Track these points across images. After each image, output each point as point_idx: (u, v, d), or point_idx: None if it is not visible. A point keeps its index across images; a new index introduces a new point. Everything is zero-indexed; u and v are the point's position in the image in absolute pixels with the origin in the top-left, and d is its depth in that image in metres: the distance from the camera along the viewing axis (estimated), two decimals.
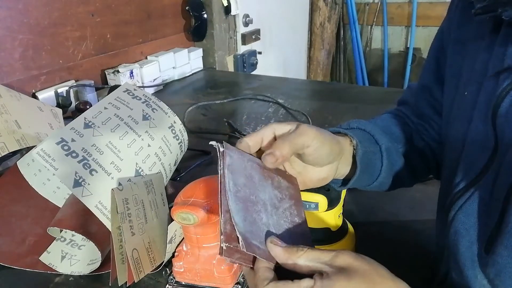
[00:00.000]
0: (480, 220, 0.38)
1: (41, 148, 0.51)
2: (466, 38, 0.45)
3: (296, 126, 0.43)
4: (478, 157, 0.38)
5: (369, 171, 0.50)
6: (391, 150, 0.52)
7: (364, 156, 0.48)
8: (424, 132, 0.56)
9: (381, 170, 0.51)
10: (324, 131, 0.45)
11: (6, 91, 0.78)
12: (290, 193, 0.42)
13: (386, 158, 0.51)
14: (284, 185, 0.42)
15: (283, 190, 0.42)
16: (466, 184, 0.39)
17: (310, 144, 0.42)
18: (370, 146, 0.50)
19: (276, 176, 0.42)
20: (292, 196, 0.42)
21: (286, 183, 0.43)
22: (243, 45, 1.78)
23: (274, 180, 0.42)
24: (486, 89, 0.39)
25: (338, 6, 2.50)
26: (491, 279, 0.36)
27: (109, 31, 1.23)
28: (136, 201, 0.52)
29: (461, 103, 0.44)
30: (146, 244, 0.53)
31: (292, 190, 0.43)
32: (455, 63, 0.47)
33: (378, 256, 0.59)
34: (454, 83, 0.47)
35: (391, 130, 0.55)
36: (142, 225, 0.52)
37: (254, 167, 0.41)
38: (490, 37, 0.40)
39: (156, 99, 0.64)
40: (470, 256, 0.38)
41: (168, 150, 0.62)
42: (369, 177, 0.51)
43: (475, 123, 0.40)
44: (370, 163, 0.50)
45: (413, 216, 0.69)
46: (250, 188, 0.38)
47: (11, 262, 0.58)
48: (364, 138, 0.51)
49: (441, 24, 0.53)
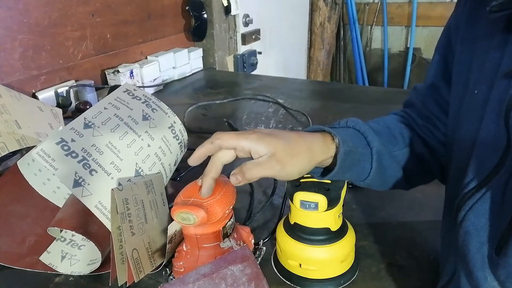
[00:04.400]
0: (491, 220, 0.37)
1: (41, 148, 0.51)
2: (475, 36, 0.45)
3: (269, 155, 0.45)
4: (489, 156, 0.38)
5: (355, 170, 0.51)
6: (383, 153, 0.52)
7: (348, 156, 0.49)
8: (429, 135, 0.55)
9: (370, 172, 0.51)
10: (297, 148, 0.46)
11: (6, 91, 0.78)
12: (248, 275, 0.41)
13: (376, 160, 0.51)
14: (238, 273, 0.41)
15: (239, 280, 0.41)
16: (477, 184, 0.38)
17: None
18: (358, 147, 0.51)
19: (227, 269, 0.41)
20: (251, 277, 0.41)
21: (240, 266, 0.42)
22: (243, 45, 1.78)
23: (227, 278, 0.41)
24: (498, 88, 0.38)
25: (338, 6, 2.50)
26: (502, 281, 0.35)
27: (109, 31, 1.23)
28: (136, 201, 0.52)
29: (471, 102, 0.43)
30: (146, 244, 0.53)
31: (248, 269, 0.42)
32: (463, 61, 0.46)
33: (378, 256, 0.59)
34: (462, 81, 0.46)
35: (391, 133, 0.55)
36: (142, 225, 0.52)
37: (202, 286, 0.40)
38: (502, 35, 0.40)
39: (156, 99, 0.64)
40: (480, 257, 0.37)
41: (168, 150, 0.62)
42: (355, 176, 0.52)
43: (486, 123, 0.39)
44: (356, 163, 0.50)
45: (413, 216, 0.69)
46: None
47: (11, 262, 0.58)
48: (353, 138, 0.51)
49: (448, 21, 0.52)
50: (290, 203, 0.52)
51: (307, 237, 0.52)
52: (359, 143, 0.51)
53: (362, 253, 0.60)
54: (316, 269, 0.53)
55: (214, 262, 0.42)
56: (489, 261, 0.37)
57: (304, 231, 0.52)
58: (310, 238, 0.52)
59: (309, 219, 0.51)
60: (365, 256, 0.59)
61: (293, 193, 0.50)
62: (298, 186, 0.51)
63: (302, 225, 0.52)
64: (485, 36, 0.43)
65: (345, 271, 0.54)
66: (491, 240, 0.37)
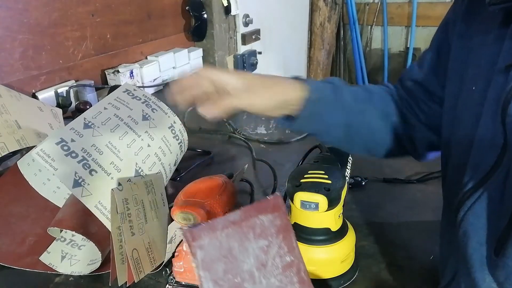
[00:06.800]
0: (490, 221, 0.36)
1: (40, 148, 0.51)
2: (472, 32, 0.44)
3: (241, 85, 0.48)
4: (487, 155, 0.37)
5: (321, 122, 0.52)
6: (354, 111, 0.53)
7: (316, 104, 0.51)
8: (409, 109, 0.56)
9: (337, 127, 0.53)
10: (267, 82, 0.50)
11: (6, 91, 0.78)
12: (277, 227, 0.40)
13: (345, 116, 0.52)
14: (268, 223, 0.40)
15: (268, 230, 0.40)
16: (475, 184, 0.38)
17: (248, 104, 0.48)
18: (329, 97, 0.52)
19: (256, 218, 0.40)
20: (280, 229, 0.40)
21: (270, 216, 0.41)
22: (243, 45, 1.78)
23: (255, 227, 0.40)
24: (495, 84, 0.38)
25: (338, 6, 2.50)
26: (501, 283, 0.35)
27: (109, 31, 1.23)
28: (136, 201, 0.52)
29: (468, 99, 0.43)
30: (146, 244, 0.53)
31: (278, 220, 0.41)
32: (459, 57, 0.46)
33: (378, 257, 0.59)
34: (457, 78, 0.46)
35: (370, 96, 0.57)
36: (142, 225, 0.52)
37: (230, 233, 0.39)
38: (499, 30, 0.39)
39: (156, 99, 0.64)
40: (478, 258, 0.37)
41: (168, 150, 0.62)
42: (321, 128, 0.53)
43: (484, 120, 0.38)
44: (323, 113, 0.52)
45: (413, 216, 0.68)
46: (231, 269, 0.38)
47: (11, 262, 0.58)
48: (326, 90, 0.53)
49: (446, 15, 0.52)
50: (290, 203, 0.52)
51: (307, 237, 0.52)
52: (331, 95, 0.53)
53: (362, 253, 0.60)
54: (316, 269, 0.52)
55: (244, 209, 0.41)
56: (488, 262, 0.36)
57: (304, 231, 0.52)
58: (310, 238, 0.52)
59: (310, 219, 0.51)
60: (365, 256, 0.59)
61: (294, 193, 0.50)
62: (299, 186, 0.51)
63: (302, 225, 0.52)
64: (482, 31, 0.42)
65: (345, 271, 0.54)
66: (490, 241, 0.36)
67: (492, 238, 0.36)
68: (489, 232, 0.37)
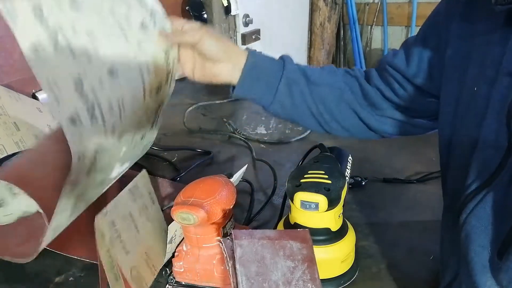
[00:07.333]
0: (493, 223, 0.36)
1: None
2: (473, 31, 0.44)
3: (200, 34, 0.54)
4: (491, 157, 0.37)
5: (259, 88, 0.57)
6: (297, 82, 0.57)
7: (256, 67, 0.56)
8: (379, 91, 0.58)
9: (276, 94, 0.57)
10: (222, 38, 0.57)
11: (5, 92, 0.78)
12: (303, 255, 0.43)
13: (285, 84, 0.57)
14: (296, 249, 0.44)
15: (295, 256, 0.43)
16: (479, 186, 0.38)
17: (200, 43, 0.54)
18: (270, 66, 0.57)
19: (288, 242, 0.44)
20: (305, 258, 0.43)
21: (299, 244, 0.44)
22: (243, 45, 1.78)
23: (286, 248, 0.44)
24: (500, 85, 0.38)
25: (338, 6, 2.50)
26: (504, 286, 0.35)
27: None
28: (123, 217, 0.50)
29: (471, 99, 0.42)
30: (143, 255, 0.52)
31: (305, 250, 0.44)
32: (459, 57, 0.45)
33: (378, 256, 0.59)
34: (456, 77, 0.45)
35: (322, 72, 0.59)
36: (135, 237, 0.52)
37: (265, 245, 0.43)
38: (503, 31, 0.39)
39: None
40: (480, 261, 0.37)
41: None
42: (261, 94, 0.58)
43: (488, 121, 0.38)
44: (263, 78, 0.56)
45: (413, 216, 0.68)
46: (262, 274, 0.41)
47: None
48: (270, 60, 0.58)
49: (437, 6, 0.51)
50: (290, 203, 0.52)
51: None
52: (274, 65, 0.57)
53: (362, 253, 0.60)
54: None
55: (278, 231, 0.46)
56: (490, 265, 0.36)
57: None
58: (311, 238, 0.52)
59: (310, 219, 0.51)
60: (365, 256, 0.59)
61: (294, 193, 0.50)
62: (299, 186, 0.50)
63: (303, 225, 0.52)
64: (485, 31, 0.42)
65: (345, 271, 0.54)
66: (493, 244, 0.36)
67: (495, 241, 0.36)
68: (492, 235, 0.36)
